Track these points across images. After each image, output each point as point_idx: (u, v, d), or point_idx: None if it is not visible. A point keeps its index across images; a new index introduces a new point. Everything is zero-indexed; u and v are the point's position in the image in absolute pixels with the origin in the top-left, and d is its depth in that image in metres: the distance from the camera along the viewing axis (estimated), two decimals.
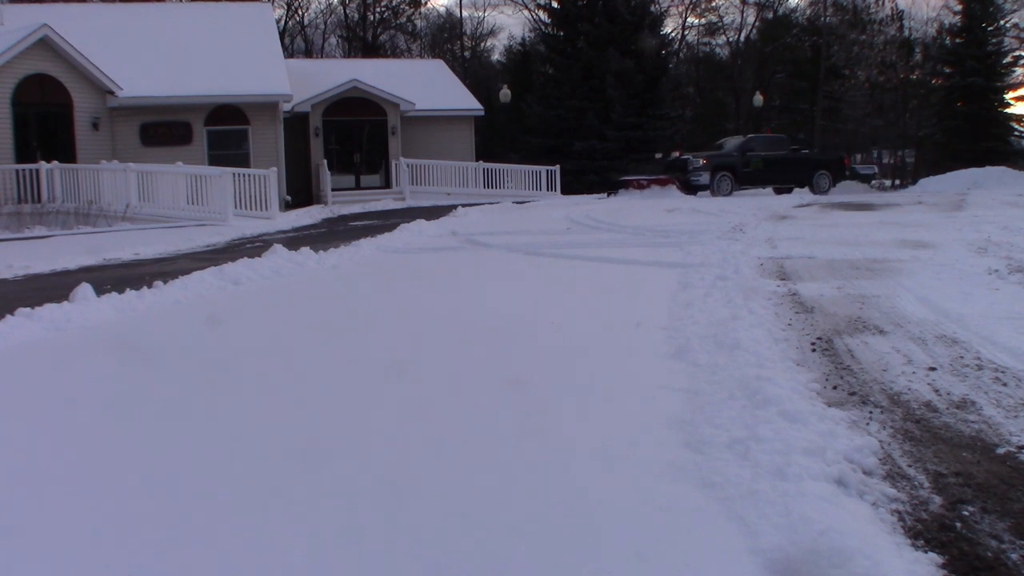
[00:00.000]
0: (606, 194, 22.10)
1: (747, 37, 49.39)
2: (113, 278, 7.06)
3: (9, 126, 17.94)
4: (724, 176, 20.33)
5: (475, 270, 7.47)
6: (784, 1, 49.49)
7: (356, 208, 18.84)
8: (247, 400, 3.43)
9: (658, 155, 25.07)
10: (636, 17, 32.91)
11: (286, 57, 25.20)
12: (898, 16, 48.33)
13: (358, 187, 22.78)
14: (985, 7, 38.17)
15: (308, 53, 47.47)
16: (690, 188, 20.24)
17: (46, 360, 4.28)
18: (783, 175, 21.71)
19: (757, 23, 48.51)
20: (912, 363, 3.79)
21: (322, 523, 2.23)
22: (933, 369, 3.68)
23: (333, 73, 24.81)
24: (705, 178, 20.23)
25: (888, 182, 46.93)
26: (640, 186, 20.86)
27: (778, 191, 22.13)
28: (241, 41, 21.81)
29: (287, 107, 21.52)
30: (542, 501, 2.33)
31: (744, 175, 20.87)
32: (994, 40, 39.18)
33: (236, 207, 14.66)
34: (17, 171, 16.88)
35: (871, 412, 3.11)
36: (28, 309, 4.98)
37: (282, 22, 44.35)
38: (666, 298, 5.36)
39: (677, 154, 22.35)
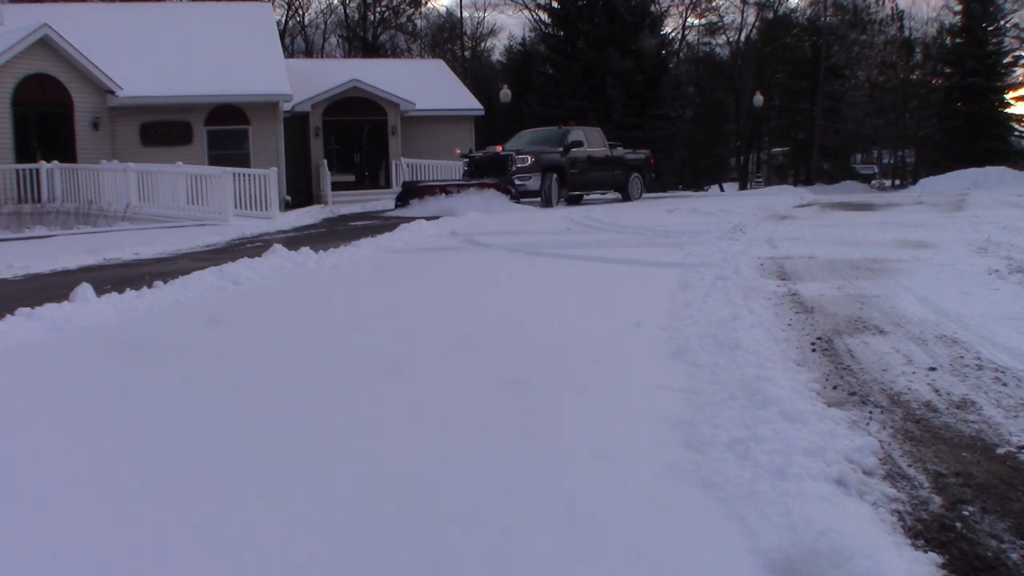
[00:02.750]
0: (395, 204, 16.40)
1: (747, 37, 49.38)
2: (113, 278, 7.05)
3: (9, 126, 17.94)
4: (554, 179, 16.04)
5: (475, 270, 7.47)
6: (784, 1, 49.47)
7: (356, 208, 18.85)
8: (247, 400, 3.43)
9: (459, 150, 18.78)
10: (636, 17, 32.92)
11: (286, 57, 25.20)
12: (898, 16, 48.35)
13: (358, 187, 22.79)
14: (985, 7, 38.18)
15: (308, 53, 47.46)
16: (513, 194, 15.34)
17: (47, 360, 4.28)
18: (606, 178, 18.02)
19: (757, 23, 48.50)
20: (912, 363, 3.79)
21: (322, 523, 2.23)
22: (933, 369, 3.68)
23: (333, 73, 24.80)
24: (534, 181, 15.77)
25: (888, 182, 46.98)
26: (446, 192, 15.35)
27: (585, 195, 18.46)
28: (241, 41, 21.81)
29: (287, 107, 21.52)
30: (542, 501, 2.33)
31: (572, 178, 16.73)
32: (994, 40, 39.20)
33: (236, 207, 14.66)
34: (17, 171, 16.88)
35: (871, 412, 3.11)
36: (28, 309, 4.97)
37: (282, 22, 44.35)
38: (666, 298, 5.36)
39: (499, 149, 16.74)
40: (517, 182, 15.53)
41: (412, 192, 15.92)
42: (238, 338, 4.74)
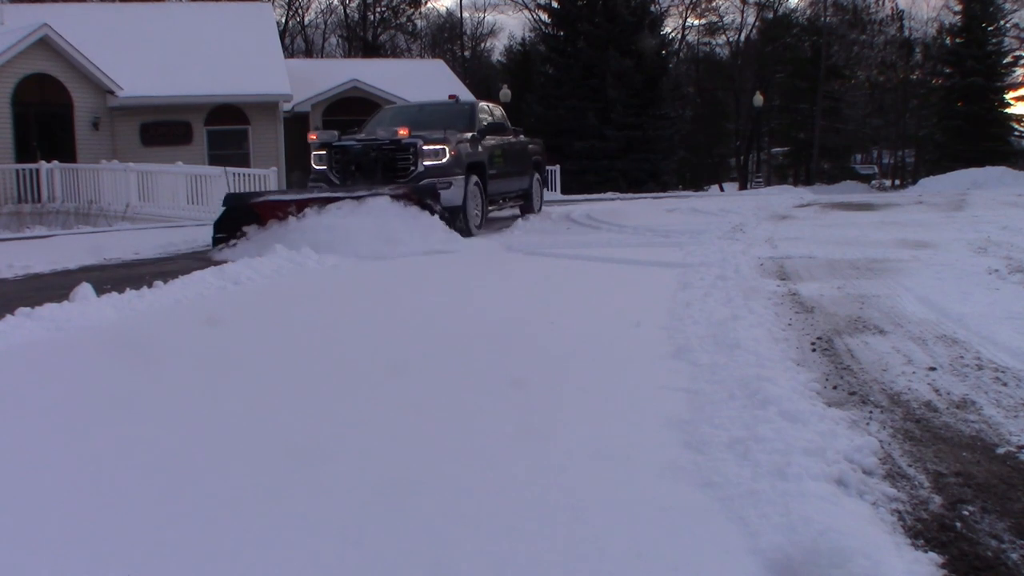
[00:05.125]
0: (212, 239, 9.11)
1: (747, 37, 49.40)
2: (113, 278, 7.05)
3: (9, 126, 17.95)
4: (475, 186, 10.20)
5: (474, 269, 7.47)
6: (784, 1, 49.48)
7: None
8: (247, 400, 3.42)
9: (314, 135, 10.49)
10: (636, 17, 32.93)
11: (286, 57, 25.22)
12: (898, 16, 48.37)
13: None
14: (985, 7, 38.19)
15: (308, 53, 47.48)
16: (439, 211, 8.94)
17: (47, 359, 4.28)
18: (515, 183, 12.19)
19: (757, 23, 48.51)
20: (912, 363, 3.79)
21: (322, 523, 2.23)
22: (933, 369, 3.68)
23: (333, 73, 24.83)
24: (455, 191, 9.59)
25: (888, 182, 46.99)
26: (303, 212, 8.64)
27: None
28: (241, 41, 21.82)
29: (287, 107, 21.54)
30: (542, 501, 2.33)
31: (490, 184, 10.84)
32: (994, 40, 39.22)
33: None
34: (17, 171, 16.90)
35: (871, 412, 3.11)
36: (28, 309, 4.97)
37: (282, 22, 44.37)
38: (666, 298, 5.36)
39: (402, 132, 9.70)
40: (435, 191, 9.13)
41: (242, 215, 8.78)
42: (239, 338, 4.74)
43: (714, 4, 48.59)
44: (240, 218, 8.85)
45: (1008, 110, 40.09)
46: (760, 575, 1.93)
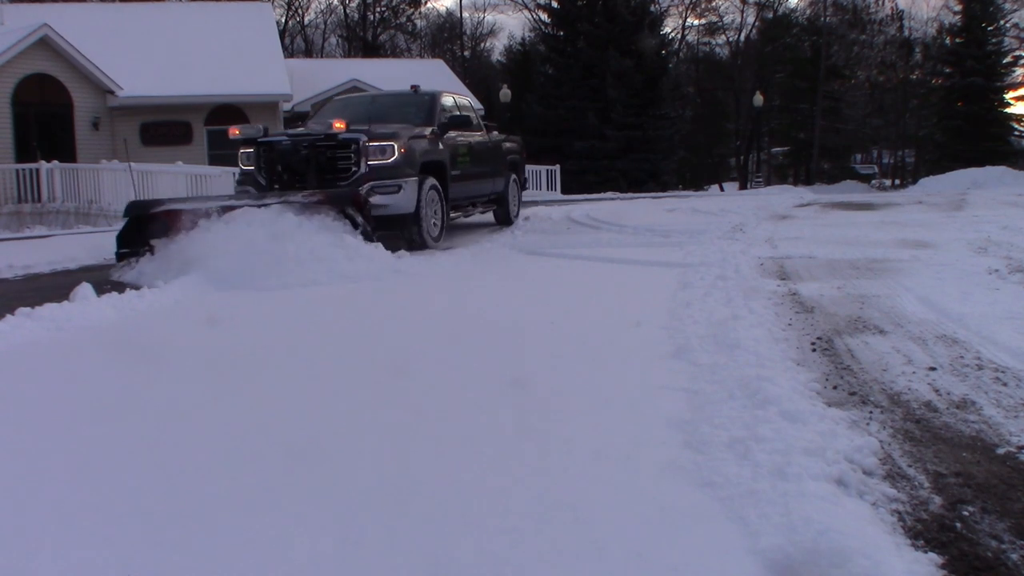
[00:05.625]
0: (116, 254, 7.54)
1: (747, 37, 49.41)
2: (114, 278, 7.05)
3: (9, 126, 17.96)
4: (433, 190, 8.62)
5: (473, 269, 7.46)
6: (784, 1, 49.50)
7: None
8: (247, 399, 3.42)
9: (236, 130, 8.62)
10: (636, 17, 32.94)
11: (286, 57, 25.23)
12: (898, 16, 48.40)
13: None
14: (985, 7, 38.21)
15: (308, 53, 47.48)
16: (360, 223, 7.19)
17: (47, 360, 4.28)
18: (486, 185, 10.69)
19: (757, 23, 48.52)
20: (912, 363, 3.79)
21: (322, 523, 2.23)
22: (933, 369, 3.68)
23: (333, 73, 24.84)
24: (405, 196, 8.12)
25: (888, 182, 47.00)
26: (203, 221, 7.05)
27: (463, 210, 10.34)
28: (241, 41, 21.83)
29: (287, 107, 21.55)
30: (541, 501, 2.33)
31: (453, 187, 9.30)
32: (994, 40, 39.23)
33: None
34: (17, 171, 16.90)
35: (871, 412, 3.11)
36: (28, 309, 4.97)
37: (282, 22, 44.38)
38: (666, 298, 5.36)
39: (337, 125, 8.13)
40: (375, 198, 7.76)
41: (149, 225, 7.33)
42: (238, 337, 4.74)
43: (714, 4, 48.63)
44: (146, 229, 7.21)
45: (1008, 110, 40.12)
46: (760, 575, 1.93)
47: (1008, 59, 39.61)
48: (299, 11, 48.47)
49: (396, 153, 8.16)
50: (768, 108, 42.17)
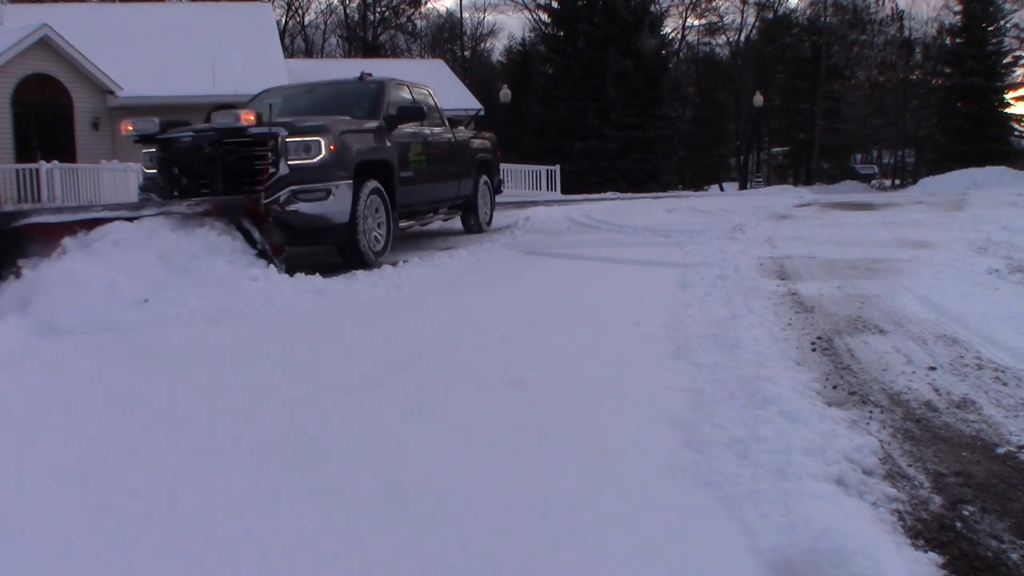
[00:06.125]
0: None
1: (747, 37, 49.42)
2: None
3: (9, 126, 17.96)
4: (373, 193, 7.33)
5: (472, 268, 7.45)
6: (784, 1, 49.53)
7: None
8: (246, 399, 3.42)
9: (129, 126, 7.34)
10: (636, 17, 32.96)
11: (286, 57, 25.24)
12: (898, 16, 48.42)
13: None
14: (985, 7, 38.22)
15: (308, 53, 47.49)
16: (258, 242, 5.80)
17: (45, 360, 4.27)
18: (448, 188, 9.49)
19: (757, 23, 48.53)
20: (912, 363, 3.79)
21: (321, 523, 2.23)
22: (933, 369, 3.67)
23: (333, 73, 24.76)
24: (336, 202, 6.80)
25: (888, 182, 47.02)
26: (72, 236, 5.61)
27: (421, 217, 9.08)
28: (241, 41, 21.84)
29: None
30: (541, 500, 2.33)
31: (404, 190, 8.09)
32: (994, 40, 39.25)
33: None
34: (17, 171, 16.90)
35: (871, 412, 3.11)
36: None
37: (282, 22, 44.41)
38: (666, 298, 5.36)
39: (245, 118, 6.65)
40: (297, 206, 6.62)
41: (14, 242, 5.78)
42: (238, 337, 4.73)
43: (714, 4, 48.69)
44: (16, 247, 5.67)
45: (1008, 110, 40.13)
46: (760, 575, 1.93)
47: (1008, 59, 39.61)
48: (299, 11, 48.51)
49: (323, 151, 6.75)
50: (768, 108, 42.19)
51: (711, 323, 4.43)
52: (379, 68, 27.84)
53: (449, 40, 52.16)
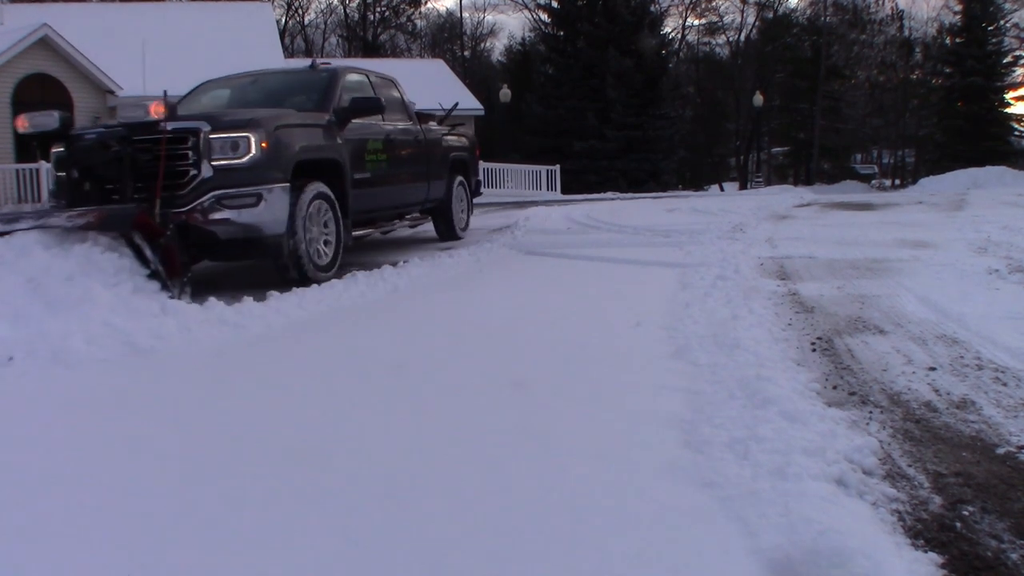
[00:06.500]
0: None
1: (747, 37, 49.43)
2: None
3: (9, 126, 17.94)
4: (319, 197, 6.42)
5: (471, 267, 7.46)
6: (784, 1, 49.55)
7: None
8: (244, 398, 3.42)
9: (23, 123, 6.33)
10: (636, 17, 32.97)
11: (286, 57, 25.24)
12: (898, 16, 48.44)
13: None
14: (985, 7, 38.24)
15: (308, 53, 47.49)
16: (151, 263, 4.96)
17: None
18: (417, 190, 8.67)
19: (757, 23, 48.53)
20: (912, 363, 3.79)
21: (321, 523, 2.23)
22: (933, 369, 3.68)
23: None
24: (269, 209, 5.89)
25: (888, 182, 47.04)
26: None
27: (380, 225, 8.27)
28: (241, 41, 21.83)
29: None
30: (541, 501, 2.33)
31: (359, 195, 7.15)
32: (994, 40, 39.27)
33: None
34: (17, 171, 16.89)
35: (871, 412, 3.11)
36: None
37: (282, 22, 44.42)
38: (666, 298, 5.36)
39: (154, 111, 5.71)
40: (222, 215, 5.79)
41: None
42: (237, 336, 4.73)
43: (714, 4, 48.69)
44: None
45: (1008, 110, 40.14)
46: (760, 575, 1.93)
47: (1008, 59, 39.62)
48: (299, 11, 48.53)
49: (254, 148, 5.82)
50: (768, 108, 42.19)
51: (711, 323, 4.43)
52: (379, 68, 27.83)
53: (449, 40, 52.16)
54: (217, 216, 5.74)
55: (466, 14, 56.50)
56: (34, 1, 27.15)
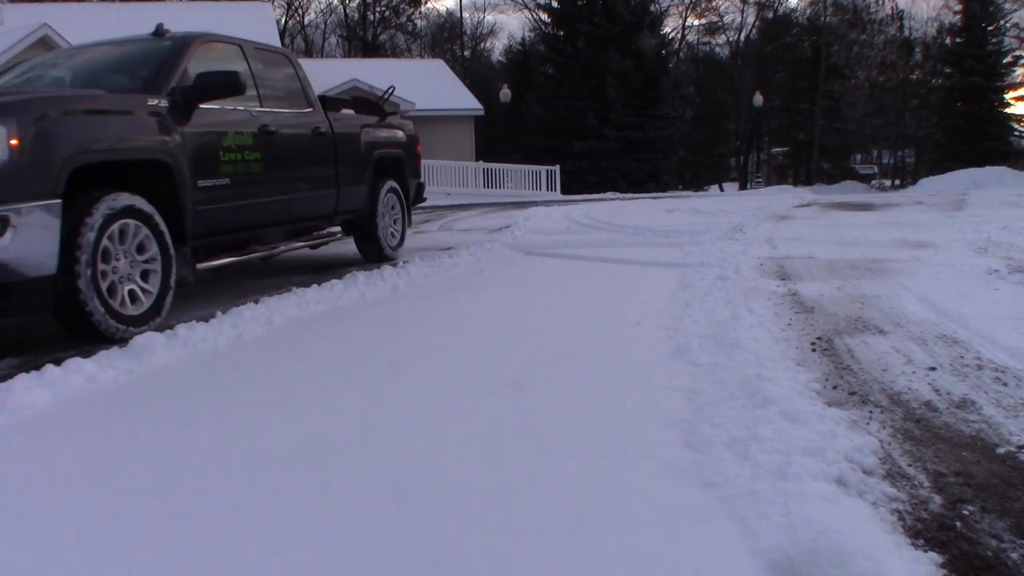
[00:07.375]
0: None
1: (747, 37, 49.45)
2: None
3: None
4: (130, 210, 4.41)
5: (470, 267, 7.46)
6: (784, 1, 49.56)
7: None
8: (244, 399, 3.42)
9: None
10: (636, 17, 32.98)
11: None
12: (898, 16, 48.47)
13: None
14: (985, 7, 38.25)
15: (308, 53, 47.50)
16: None
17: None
18: (325, 200, 6.72)
19: (757, 23, 48.55)
20: (912, 363, 3.79)
21: (322, 523, 2.23)
22: (933, 369, 3.68)
23: (333, 73, 24.84)
24: (29, 238, 3.80)
25: (888, 182, 47.05)
26: None
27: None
28: None
29: None
30: (541, 501, 2.33)
31: (203, 211, 5.08)
32: (994, 40, 39.28)
33: None
34: None
35: (871, 412, 3.11)
36: None
37: (282, 22, 44.41)
38: (666, 298, 5.36)
39: None
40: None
41: None
42: (237, 336, 4.73)
43: (714, 4, 48.76)
44: None
45: (1008, 110, 40.15)
46: (760, 575, 1.93)
47: (1008, 59, 39.63)
48: (299, 11, 48.53)
49: (1, 147, 3.82)
50: (768, 108, 42.20)
51: (711, 323, 4.43)
52: (378, 67, 27.81)
53: (449, 40, 52.17)
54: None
55: (466, 14, 56.53)
56: (34, 1, 27.15)
